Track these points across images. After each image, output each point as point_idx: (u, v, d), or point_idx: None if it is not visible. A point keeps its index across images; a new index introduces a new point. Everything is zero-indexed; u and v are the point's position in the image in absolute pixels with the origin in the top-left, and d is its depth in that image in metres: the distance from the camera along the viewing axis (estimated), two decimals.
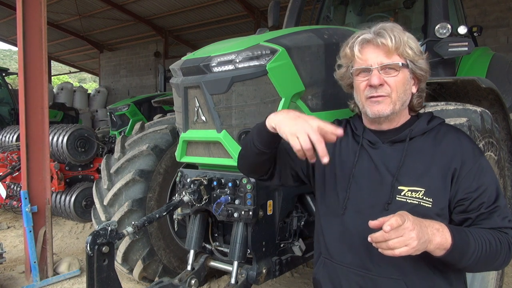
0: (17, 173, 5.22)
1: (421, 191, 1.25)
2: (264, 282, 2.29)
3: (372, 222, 1.09)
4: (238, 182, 2.17)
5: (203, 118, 2.22)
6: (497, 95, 2.59)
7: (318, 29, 2.43)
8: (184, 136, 2.35)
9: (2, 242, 4.10)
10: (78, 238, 5.19)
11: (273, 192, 2.27)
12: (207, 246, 2.51)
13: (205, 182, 2.24)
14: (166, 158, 3.27)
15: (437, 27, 2.91)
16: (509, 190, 2.59)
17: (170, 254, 3.26)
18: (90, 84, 35.54)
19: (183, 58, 2.37)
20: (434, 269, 1.27)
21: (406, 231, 1.05)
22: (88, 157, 5.53)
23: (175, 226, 2.85)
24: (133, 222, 1.95)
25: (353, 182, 1.35)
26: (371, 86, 1.29)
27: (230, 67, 2.12)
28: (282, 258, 2.39)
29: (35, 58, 3.73)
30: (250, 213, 2.11)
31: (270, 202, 2.25)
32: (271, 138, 1.32)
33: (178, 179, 2.48)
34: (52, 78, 21.87)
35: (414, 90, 1.37)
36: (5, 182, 5.44)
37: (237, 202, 2.17)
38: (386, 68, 1.29)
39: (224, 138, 2.15)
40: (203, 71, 2.18)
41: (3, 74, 9.86)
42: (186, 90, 2.27)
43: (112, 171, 3.24)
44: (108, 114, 8.17)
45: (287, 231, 2.43)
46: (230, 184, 2.18)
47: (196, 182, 2.24)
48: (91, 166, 5.74)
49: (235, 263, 2.20)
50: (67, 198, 5.37)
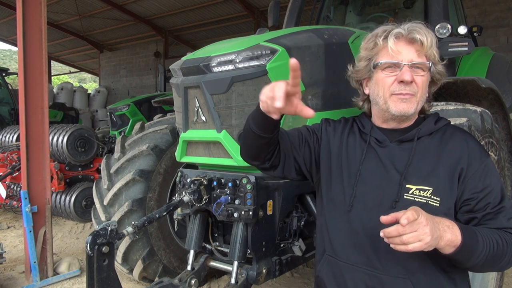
0: (17, 173, 5.23)
1: (429, 190, 1.25)
2: (264, 282, 2.29)
3: (384, 217, 1.09)
4: (238, 182, 2.17)
5: (203, 118, 2.22)
6: (497, 95, 2.59)
7: (318, 29, 2.43)
8: (184, 136, 2.35)
9: (2, 242, 4.10)
10: (78, 238, 5.19)
11: (273, 192, 2.27)
12: (207, 246, 2.51)
13: (205, 182, 2.24)
14: (166, 158, 3.27)
15: (437, 27, 2.91)
16: (509, 190, 2.59)
17: (170, 254, 3.26)
18: (90, 84, 35.56)
19: (183, 58, 2.38)
20: (440, 269, 1.27)
21: (420, 226, 1.04)
22: (88, 157, 5.53)
23: (175, 226, 2.85)
24: (133, 222, 1.95)
25: (359, 180, 1.35)
26: (402, 82, 1.27)
27: (230, 67, 2.12)
28: (282, 258, 2.39)
29: (35, 58, 3.74)
30: (250, 213, 2.11)
31: (270, 202, 2.25)
32: (267, 121, 1.28)
33: (178, 179, 2.48)
34: (52, 78, 21.87)
35: (427, 94, 1.37)
36: (5, 182, 5.44)
37: (237, 202, 2.17)
38: (414, 66, 1.28)
39: (224, 138, 2.15)
40: (203, 71, 2.19)
41: (3, 74, 9.87)
42: (186, 90, 2.27)
43: (112, 171, 3.24)
44: (108, 114, 8.17)
45: (287, 231, 2.43)
46: (230, 184, 2.18)
47: (196, 182, 2.24)
48: (91, 166, 5.74)
49: (235, 263, 2.20)
50: (67, 198, 5.37)
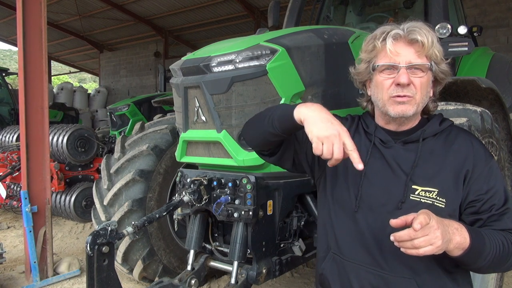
0: (17, 173, 5.23)
1: (434, 192, 1.25)
2: (264, 282, 2.29)
3: (393, 221, 1.08)
4: (238, 182, 2.17)
5: (203, 118, 2.22)
6: (497, 95, 2.59)
7: (318, 29, 2.43)
8: (184, 136, 2.35)
9: (2, 242, 4.10)
10: (78, 238, 5.19)
11: (273, 192, 2.27)
12: (207, 246, 2.51)
13: (205, 182, 2.24)
14: (166, 158, 3.27)
15: (437, 27, 2.91)
16: (509, 190, 2.59)
17: (170, 254, 3.26)
18: (90, 84, 35.55)
19: (183, 58, 2.38)
20: (444, 269, 1.27)
21: (432, 230, 1.04)
22: (88, 157, 5.54)
23: (175, 226, 2.85)
24: (133, 222, 1.95)
25: (365, 180, 1.34)
26: (399, 84, 1.26)
27: (230, 67, 2.12)
28: (282, 258, 2.39)
29: (35, 58, 3.73)
30: (250, 213, 2.11)
31: (270, 202, 2.25)
32: (293, 127, 1.27)
33: (178, 179, 2.48)
34: (52, 78, 21.87)
35: (431, 93, 1.35)
36: (5, 182, 5.44)
37: (237, 202, 2.17)
38: (413, 68, 1.26)
39: (224, 138, 2.15)
40: (203, 71, 2.19)
41: (3, 74, 9.87)
42: (186, 90, 2.27)
43: (112, 171, 3.24)
44: (108, 114, 8.17)
45: (287, 231, 2.43)
46: (230, 184, 2.18)
47: (196, 182, 2.24)
48: (91, 166, 5.75)
49: (235, 263, 2.20)
50: (67, 198, 5.38)
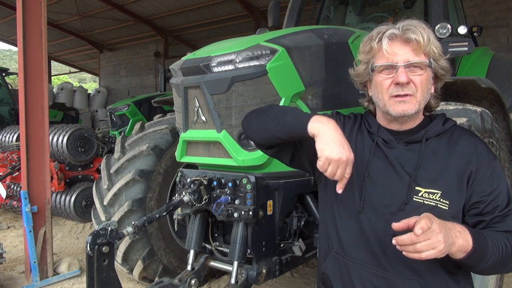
0: (17, 173, 5.23)
1: (438, 193, 1.24)
2: (264, 282, 2.29)
3: (395, 224, 1.07)
4: (238, 182, 2.17)
5: (203, 118, 2.22)
6: (497, 95, 2.59)
7: (318, 29, 2.43)
8: (184, 136, 2.35)
9: (2, 242, 4.10)
10: (78, 238, 5.19)
11: (273, 192, 2.27)
12: (207, 246, 2.51)
13: (205, 182, 2.23)
14: (166, 158, 3.27)
15: (437, 27, 2.91)
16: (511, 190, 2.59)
17: (170, 254, 3.26)
18: (90, 84, 35.55)
19: (183, 58, 2.38)
20: (447, 271, 1.27)
21: (434, 234, 1.03)
22: (88, 157, 5.54)
23: (175, 226, 2.85)
24: (133, 222, 1.95)
25: (368, 180, 1.33)
26: (398, 84, 1.25)
27: (230, 67, 2.12)
28: (282, 258, 2.39)
29: (35, 58, 3.73)
30: (250, 213, 2.11)
31: (270, 202, 2.25)
32: (302, 137, 1.28)
33: (178, 179, 2.48)
34: (52, 78, 21.87)
35: (432, 90, 1.34)
36: (5, 182, 5.44)
37: (237, 202, 2.17)
38: (412, 66, 1.25)
39: (224, 138, 2.15)
40: (203, 71, 2.19)
41: (3, 74, 9.87)
42: (186, 90, 2.27)
43: (112, 171, 3.24)
44: (108, 114, 8.17)
45: (287, 231, 2.43)
46: (230, 184, 2.18)
47: (196, 182, 2.24)
48: (91, 166, 5.75)
49: (235, 263, 2.20)
50: (67, 198, 5.38)
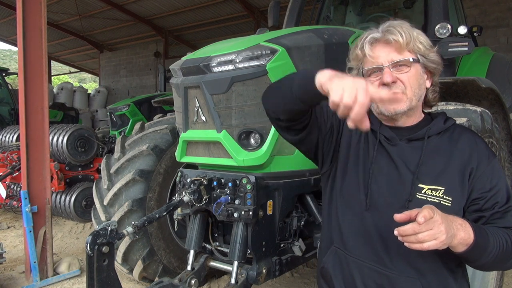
0: (17, 173, 5.22)
1: (441, 190, 1.25)
2: (264, 282, 2.29)
3: (398, 215, 1.08)
4: (238, 182, 2.17)
5: (203, 118, 2.23)
6: (497, 95, 2.59)
7: (318, 29, 2.43)
8: (184, 136, 2.35)
9: (2, 242, 4.10)
10: (78, 238, 5.19)
11: (273, 192, 2.27)
12: (207, 246, 2.51)
13: (205, 182, 2.24)
14: (166, 158, 3.27)
15: (437, 27, 2.91)
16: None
17: (170, 254, 3.26)
18: (90, 84, 35.55)
19: (183, 58, 2.38)
20: (448, 269, 1.28)
21: (436, 224, 1.04)
22: (88, 157, 5.53)
23: (175, 226, 2.85)
24: (133, 222, 1.95)
25: (372, 178, 1.34)
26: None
27: (230, 67, 2.12)
28: (282, 258, 2.39)
29: (35, 58, 3.73)
30: (250, 213, 2.11)
31: (270, 202, 2.25)
32: (312, 94, 1.17)
33: (178, 179, 2.48)
34: (52, 78, 21.87)
35: (428, 84, 1.36)
36: (5, 182, 5.44)
37: (237, 202, 2.17)
38: (398, 65, 1.28)
39: (224, 138, 2.15)
40: (203, 71, 2.19)
41: (3, 74, 9.87)
42: (186, 90, 2.27)
43: (112, 171, 3.24)
44: (108, 114, 8.17)
45: (287, 231, 2.43)
46: (230, 184, 2.18)
47: (196, 182, 2.24)
48: (91, 166, 5.74)
49: (235, 263, 2.20)
50: (67, 198, 5.37)
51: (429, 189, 1.26)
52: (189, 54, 2.42)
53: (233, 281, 2.18)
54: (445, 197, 1.25)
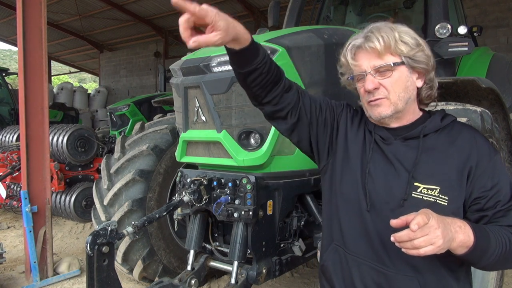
0: (17, 173, 5.23)
1: (436, 189, 1.24)
2: (264, 282, 2.29)
3: (394, 221, 1.07)
4: (238, 182, 2.17)
5: (203, 118, 2.23)
6: (497, 95, 2.59)
7: (318, 29, 2.43)
8: (184, 136, 2.35)
9: (2, 242, 4.10)
10: (78, 238, 5.19)
11: (273, 192, 2.27)
12: (207, 246, 2.51)
13: (205, 182, 2.24)
14: (166, 158, 3.27)
15: (437, 27, 2.91)
16: None
17: (170, 254, 3.26)
18: (90, 84, 35.54)
19: (183, 58, 2.38)
20: (448, 269, 1.27)
21: (431, 229, 1.03)
22: (88, 157, 5.54)
23: (175, 226, 2.85)
24: (133, 222, 1.95)
25: (368, 177, 1.34)
26: (367, 91, 1.29)
27: (230, 67, 2.12)
28: (282, 258, 2.39)
29: (35, 58, 3.73)
30: (250, 213, 2.11)
31: (270, 202, 2.25)
32: (233, 55, 1.31)
33: (178, 179, 2.48)
34: (52, 78, 21.86)
35: (419, 84, 1.33)
36: (5, 182, 5.44)
37: (237, 202, 2.17)
38: (380, 70, 1.27)
39: (224, 138, 2.15)
40: (203, 71, 2.19)
41: (3, 74, 9.87)
42: (186, 90, 2.27)
43: (112, 171, 3.24)
44: (108, 114, 8.17)
45: (287, 231, 2.43)
46: (230, 184, 2.18)
47: (196, 182, 2.24)
48: (91, 166, 5.75)
49: (235, 263, 2.20)
50: (67, 198, 5.38)
51: (424, 188, 1.25)
52: (189, 54, 2.42)
53: (233, 281, 2.18)
54: (441, 196, 1.23)
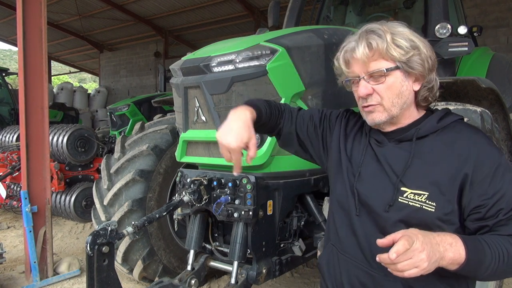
0: (17, 173, 5.23)
1: (424, 195, 1.18)
2: (264, 282, 2.29)
3: (380, 241, 1.05)
4: (238, 182, 2.17)
5: (203, 118, 2.23)
6: (497, 95, 2.59)
7: (318, 29, 2.43)
8: (184, 136, 2.35)
9: (2, 242, 4.10)
10: (78, 238, 5.19)
11: (273, 192, 2.27)
12: (207, 246, 2.51)
13: (205, 182, 2.24)
14: (166, 158, 3.27)
15: (437, 27, 2.91)
16: None
17: (170, 254, 3.26)
18: (90, 84, 35.55)
19: (183, 58, 2.38)
20: (437, 275, 1.19)
21: (415, 253, 0.99)
22: (88, 157, 5.54)
23: (175, 226, 2.85)
24: (133, 222, 1.95)
25: (358, 180, 1.32)
26: (362, 97, 1.26)
27: (230, 67, 2.13)
28: (282, 258, 2.39)
29: (35, 58, 3.73)
30: (250, 213, 2.11)
31: (270, 202, 2.25)
32: None
33: (178, 179, 2.48)
34: (52, 78, 21.86)
35: (416, 87, 1.27)
36: (5, 182, 5.44)
37: (237, 202, 2.17)
38: (373, 75, 1.23)
39: None
40: (203, 71, 2.19)
41: (3, 74, 9.88)
42: (186, 90, 2.27)
43: (112, 171, 3.24)
44: (108, 114, 8.17)
45: (287, 231, 2.43)
46: (230, 184, 2.18)
47: (196, 182, 2.24)
48: (91, 166, 5.75)
49: (235, 263, 2.20)
50: (67, 198, 5.38)
51: (411, 193, 1.20)
52: (189, 54, 2.42)
53: (233, 281, 2.18)
54: (428, 202, 1.17)
